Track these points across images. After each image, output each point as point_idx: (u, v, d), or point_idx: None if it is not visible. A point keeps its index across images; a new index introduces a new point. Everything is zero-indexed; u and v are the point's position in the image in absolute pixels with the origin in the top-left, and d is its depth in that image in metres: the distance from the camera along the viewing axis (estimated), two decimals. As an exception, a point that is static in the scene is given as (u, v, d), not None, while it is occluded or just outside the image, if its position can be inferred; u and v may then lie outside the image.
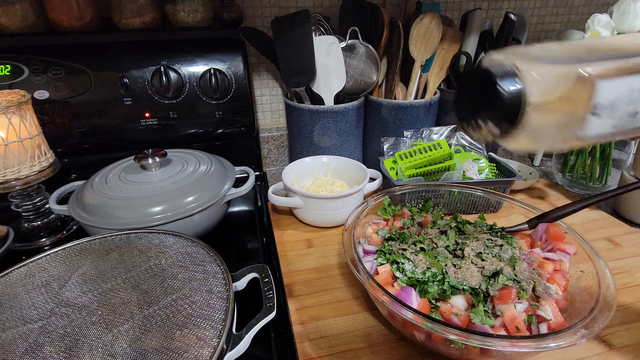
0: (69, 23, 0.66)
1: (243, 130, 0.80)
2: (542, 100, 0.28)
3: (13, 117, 0.54)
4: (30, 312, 0.37)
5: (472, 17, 0.78)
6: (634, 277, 0.53)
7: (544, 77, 0.27)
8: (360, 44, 0.74)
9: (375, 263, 0.46)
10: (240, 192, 0.62)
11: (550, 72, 0.28)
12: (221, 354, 0.33)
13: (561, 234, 0.47)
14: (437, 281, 0.41)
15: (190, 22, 0.71)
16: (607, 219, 0.67)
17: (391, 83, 0.79)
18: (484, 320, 0.37)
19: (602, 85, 0.27)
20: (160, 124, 0.73)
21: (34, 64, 0.65)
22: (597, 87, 0.26)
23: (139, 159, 0.59)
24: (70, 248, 0.46)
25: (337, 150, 0.78)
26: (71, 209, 0.55)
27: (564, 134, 0.29)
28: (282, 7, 0.81)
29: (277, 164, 0.95)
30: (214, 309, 0.37)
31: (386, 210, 0.55)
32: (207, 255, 0.44)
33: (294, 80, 0.73)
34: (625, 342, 0.43)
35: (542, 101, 0.28)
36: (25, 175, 0.56)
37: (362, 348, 0.43)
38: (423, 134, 0.76)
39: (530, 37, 1.02)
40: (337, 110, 0.74)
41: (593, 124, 0.28)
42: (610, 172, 0.74)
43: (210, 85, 0.73)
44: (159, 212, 0.53)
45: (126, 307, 0.37)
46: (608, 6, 0.70)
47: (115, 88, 0.69)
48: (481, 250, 0.45)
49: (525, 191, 0.77)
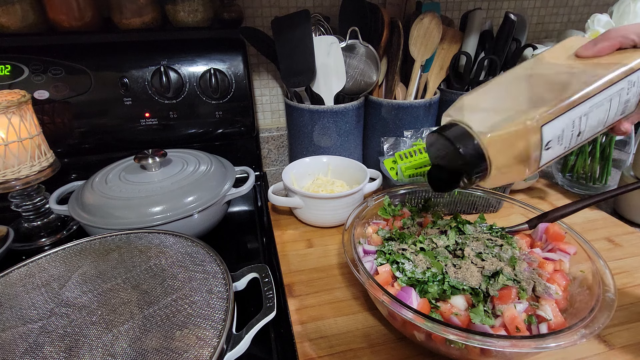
0: (69, 23, 0.66)
1: (243, 130, 0.80)
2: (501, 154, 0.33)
3: (13, 117, 0.54)
4: (30, 312, 0.37)
5: (472, 17, 0.78)
6: (634, 277, 0.53)
7: (497, 134, 0.32)
8: (360, 44, 0.74)
9: (375, 263, 0.46)
10: (240, 192, 0.62)
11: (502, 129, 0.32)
12: (221, 354, 0.33)
13: (561, 234, 0.47)
14: (437, 281, 0.41)
15: (190, 22, 0.71)
16: (607, 219, 0.67)
17: (391, 83, 0.79)
18: (484, 320, 0.37)
19: (548, 128, 0.32)
20: (160, 124, 0.73)
21: (34, 64, 0.65)
22: (544, 132, 0.31)
23: (139, 159, 0.59)
24: (70, 248, 0.46)
25: (337, 150, 0.78)
26: (71, 209, 0.55)
27: (526, 168, 0.33)
28: (282, 7, 0.81)
29: (277, 164, 0.95)
30: (214, 309, 0.37)
31: (386, 210, 0.55)
32: (207, 255, 0.44)
33: (294, 80, 0.73)
34: (625, 342, 0.43)
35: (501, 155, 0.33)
36: (25, 175, 0.56)
37: (362, 348, 0.43)
38: (423, 134, 0.76)
39: (530, 37, 1.02)
40: (337, 110, 0.74)
41: (547, 155, 0.33)
42: (610, 172, 0.74)
43: (210, 85, 0.73)
44: (159, 212, 0.53)
45: (126, 307, 0.37)
46: (608, 6, 0.70)
47: (115, 88, 0.69)
48: (481, 250, 0.45)
49: (525, 191, 0.77)
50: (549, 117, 0.31)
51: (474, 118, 0.33)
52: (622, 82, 0.33)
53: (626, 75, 0.33)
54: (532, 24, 1.01)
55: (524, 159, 0.32)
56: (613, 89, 0.32)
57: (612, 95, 0.33)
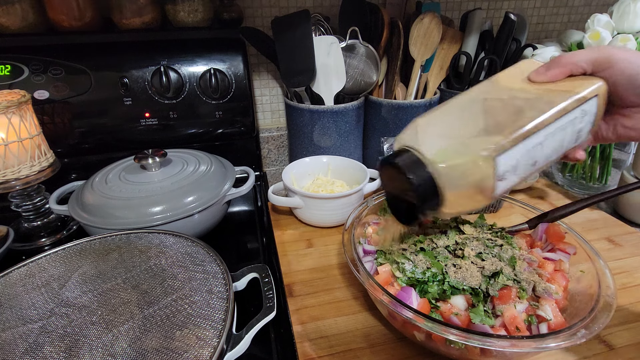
0: (69, 23, 0.66)
1: (243, 130, 0.80)
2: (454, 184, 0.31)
3: (13, 117, 0.54)
4: (30, 312, 0.37)
5: (472, 17, 0.78)
6: (634, 277, 0.53)
7: (450, 163, 0.31)
8: (360, 44, 0.74)
9: (375, 263, 0.46)
10: (240, 192, 0.61)
11: (455, 157, 0.31)
12: (221, 354, 0.33)
13: (561, 234, 0.47)
14: (437, 281, 0.41)
15: (190, 22, 0.71)
16: (607, 219, 0.67)
17: (391, 83, 0.79)
18: (484, 320, 0.37)
19: (502, 158, 0.30)
20: (160, 124, 0.73)
21: (34, 64, 0.65)
22: (498, 162, 0.30)
23: (139, 159, 0.59)
24: (70, 248, 0.46)
25: (337, 150, 0.78)
26: (71, 209, 0.55)
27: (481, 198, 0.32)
28: (282, 7, 0.81)
29: (277, 164, 0.95)
30: (214, 309, 0.37)
31: (386, 210, 0.55)
32: (207, 255, 0.44)
33: (294, 80, 0.73)
34: (625, 342, 0.43)
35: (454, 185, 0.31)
36: (25, 175, 0.56)
37: (362, 348, 0.43)
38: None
39: (530, 37, 1.02)
40: (337, 110, 0.73)
41: (502, 185, 0.32)
42: (610, 172, 0.74)
43: (210, 85, 0.73)
44: (159, 212, 0.53)
45: (126, 307, 0.37)
46: (608, 6, 0.70)
47: (115, 88, 0.69)
48: (481, 250, 0.45)
49: (525, 191, 0.77)
50: (503, 148, 0.30)
51: (427, 144, 0.32)
52: (576, 111, 0.32)
53: (579, 105, 0.32)
54: (532, 24, 1.01)
55: (477, 190, 0.31)
56: (567, 117, 0.32)
57: (566, 125, 0.32)
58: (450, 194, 0.32)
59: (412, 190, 0.32)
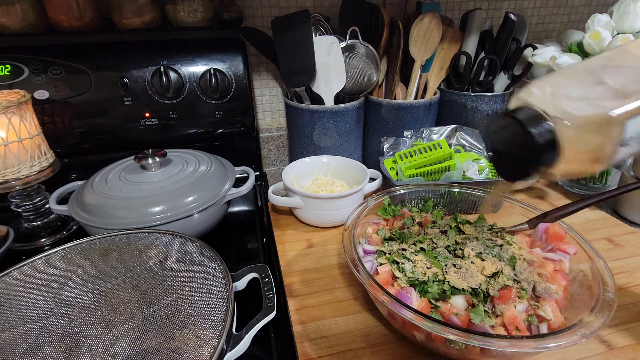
0: (69, 23, 0.66)
1: (243, 130, 0.80)
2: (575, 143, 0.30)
3: (13, 117, 0.54)
4: (30, 312, 0.37)
5: (472, 17, 0.78)
6: (634, 277, 0.53)
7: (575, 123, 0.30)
8: (360, 44, 0.74)
9: (375, 263, 0.46)
10: (240, 192, 0.62)
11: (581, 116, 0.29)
12: (221, 354, 0.33)
13: (561, 234, 0.47)
14: (437, 281, 0.41)
15: (190, 22, 0.71)
16: (607, 219, 0.67)
17: (391, 83, 0.79)
18: (484, 320, 0.37)
19: (633, 123, 0.29)
20: (160, 124, 0.73)
21: (34, 64, 0.65)
22: (627, 126, 0.29)
23: (139, 159, 0.59)
24: (70, 248, 0.46)
25: (337, 150, 0.78)
26: (71, 209, 0.55)
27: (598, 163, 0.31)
28: (282, 7, 0.81)
29: (277, 164, 0.95)
30: (214, 309, 0.37)
31: (386, 210, 0.55)
32: (207, 255, 0.44)
33: (294, 80, 0.73)
34: (625, 342, 0.43)
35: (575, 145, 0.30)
36: (25, 175, 0.56)
37: (362, 348, 0.43)
38: (423, 134, 0.76)
39: (530, 37, 1.02)
40: (337, 110, 0.74)
41: (622, 151, 0.30)
42: (610, 172, 0.74)
43: (210, 85, 0.73)
44: (159, 212, 0.53)
45: (126, 307, 0.37)
46: (608, 6, 0.70)
47: (115, 88, 0.69)
48: (481, 250, 0.45)
49: (525, 191, 0.77)
50: (634, 113, 0.29)
51: (549, 102, 0.31)
52: None
53: None
54: (532, 24, 1.01)
55: (598, 152, 0.30)
56: None
57: None
58: (570, 152, 0.30)
59: (530, 144, 0.31)
